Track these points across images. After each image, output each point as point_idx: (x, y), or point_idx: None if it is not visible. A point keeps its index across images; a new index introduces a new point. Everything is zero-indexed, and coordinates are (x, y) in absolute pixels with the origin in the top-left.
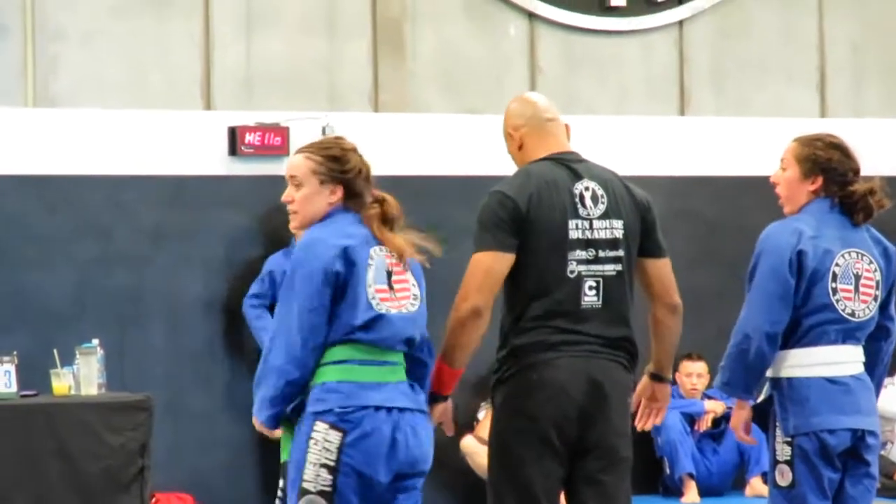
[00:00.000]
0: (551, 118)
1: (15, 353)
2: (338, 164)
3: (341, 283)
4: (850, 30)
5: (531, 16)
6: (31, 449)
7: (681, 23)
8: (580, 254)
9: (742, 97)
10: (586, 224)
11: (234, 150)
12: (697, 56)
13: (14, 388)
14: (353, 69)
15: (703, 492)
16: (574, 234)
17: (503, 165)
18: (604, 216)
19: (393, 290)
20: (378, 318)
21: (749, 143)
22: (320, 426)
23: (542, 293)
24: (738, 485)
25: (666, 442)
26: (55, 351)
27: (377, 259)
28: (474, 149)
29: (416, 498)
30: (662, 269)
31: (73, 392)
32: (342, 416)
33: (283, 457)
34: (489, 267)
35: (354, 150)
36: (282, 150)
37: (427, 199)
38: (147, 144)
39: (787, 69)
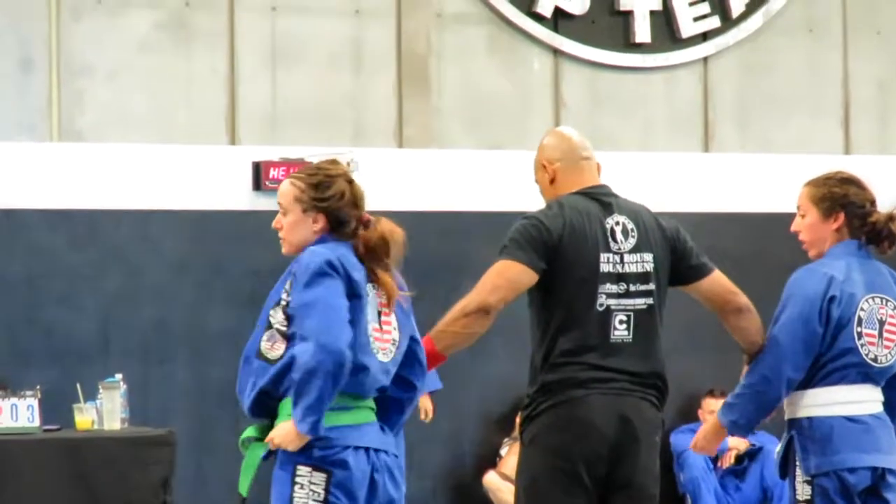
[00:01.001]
0: (587, 157)
1: (38, 387)
2: (318, 192)
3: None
4: (875, 67)
5: (556, 52)
6: (53, 484)
7: (705, 59)
8: (611, 287)
9: (766, 133)
10: (617, 258)
11: (258, 184)
12: (722, 92)
13: (37, 423)
14: (378, 104)
15: None
16: (605, 268)
17: (528, 201)
18: (634, 250)
19: (382, 332)
20: (364, 367)
21: (773, 179)
22: (303, 469)
23: (572, 327)
24: None
25: (689, 479)
26: (78, 385)
27: (371, 296)
28: (499, 184)
29: None
30: (714, 283)
31: (96, 426)
32: (324, 458)
33: (242, 490)
34: (509, 274)
35: (342, 175)
36: None
37: (452, 234)
38: (172, 179)
39: (811, 105)
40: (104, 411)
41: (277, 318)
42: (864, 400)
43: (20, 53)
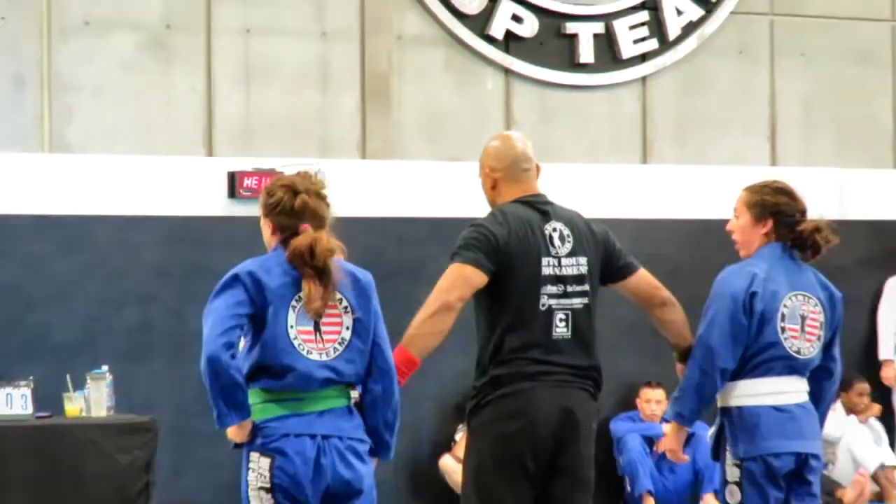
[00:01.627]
0: (527, 168)
1: (31, 378)
2: (265, 200)
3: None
4: (800, 86)
5: (507, 71)
6: (45, 465)
7: (644, 78)
8: (551, 288)
9: (700, 147)
10: (556, 262)
11: (233, 193)
12: (659, 109)
13: (30, 410)
14: (343, 120)
15: None
16: (546, 271)
17: (482, 209)
18: (571, 254)
19: (319, 333)
20: (288, 366)
21: (707, 190)
22: (253, 455)
23: (518, 326)
24: (693, 502)
25: (627, 462)
26: (68, 376)
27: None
28: (454, 194)
29: None
30: (640, 281)
31: (84, 414)
32: (265, 444)
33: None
34: (463, 275)
35: (287, 186)
36: None
37: (409, 239)
38: (153, 188)
39: (741, 121)
40: (91, 400)
41: None
42: (789, 391)
43: (14, 71)
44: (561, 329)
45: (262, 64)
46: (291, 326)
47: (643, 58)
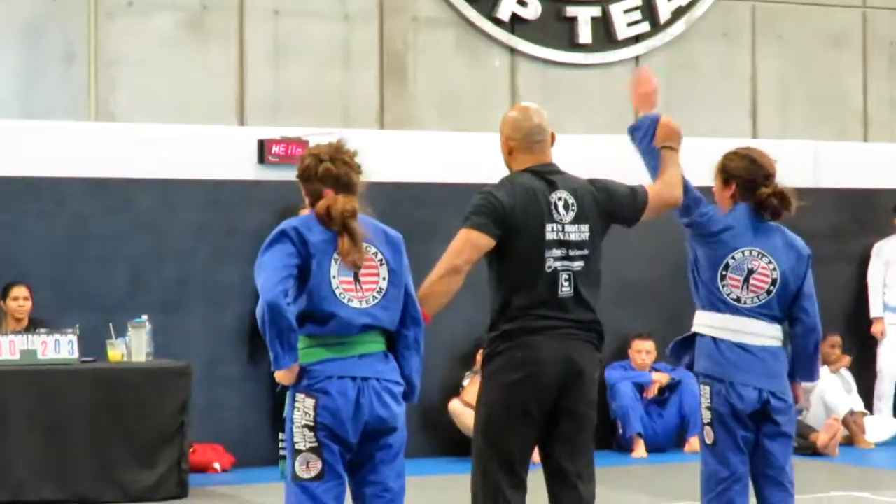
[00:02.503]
0: (539, 139)
1: (77, 325)
2: (298, 168)
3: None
4: (778, 66)
5: (513, 51)
6: (90, 406)
7: (637, 58)
8: (556, 252)
9: (687, 121)
10: (560, 227)
11: (262, 159)
12: None
13: (76, 355)
14: (363, 93)
15: (650, 449)
16: (550, 236)
17: (488, 174)
18: (574, 221)
19: (359, 283)
20: (331, 313)
21: (693, 160)
22: (299, 396)
23: (525, 285)
24: (679, 443)
25: (619, 406)
26: (111, 325)
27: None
28: (464, 161)
29: (394, 454)
30: (652, 202)
31: (125, 359)
32: (310, 386)
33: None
34: (470, 240)
35: (315, 154)
36: None
37: (423, 202)
38: (190, 154)
39: (725, 98)
40: (132, 347)
41: None
42: (751, 332)
43: (64, 47)
44: (566, 289)
45: (290, 42)
46: (334, 277)
47: (636, 39)
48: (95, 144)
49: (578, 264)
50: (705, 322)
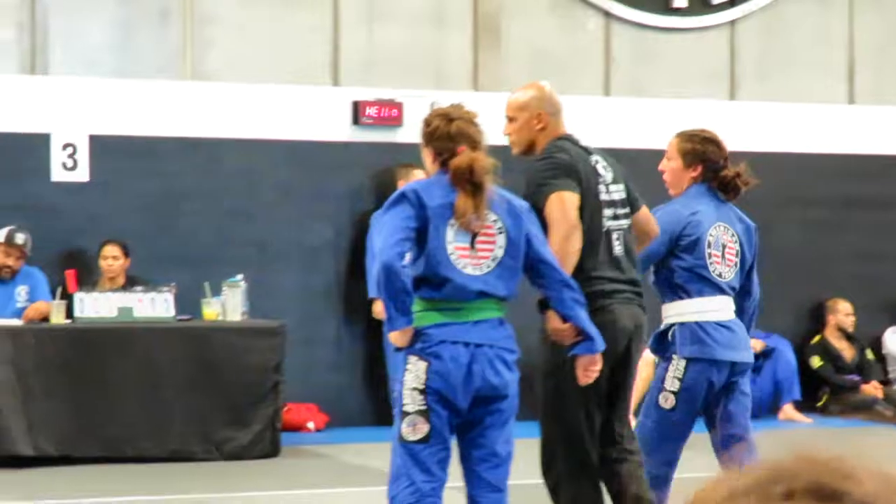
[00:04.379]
0: (562, 114)
1: (173, 284)
2: (424, 129)
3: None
4: (875, 31)
5: (607, 14)
6: (184, 363)
7: (732, 22)
8: (607, 212)
9: (782, 86)
10: (605, 188)
11: (356, 120)
12: (746, 50)
13: (172, 313)
14: (456, 55)
15: None
16: (602, 196)
17: (584, 137)
18: (613, 182)
19: (474, 249)
20: (445, 278)
21: (789, 125)
22: (412, 359)
23: (591, 246)
24: (773, 410)
25: None
26: (206, 284)
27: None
28: None
29: (504, 420)
30: (641, 215)
31: (220, 318)
32: (423, 349)
33: None
34: (567, 199)
35: (443, 114)
36: (396, 122)
37: (517, 165)
38: (284, 114)
39: (820, 63)
40: (227, 306)
41: None
42: (722, 308)
43: (159, 7)
44: (618, 248)
45: (384, 3)
46: (449, 242)
47: (732, 3)
48: (190, 104)
49: (624, 223)
50: (683, 310)
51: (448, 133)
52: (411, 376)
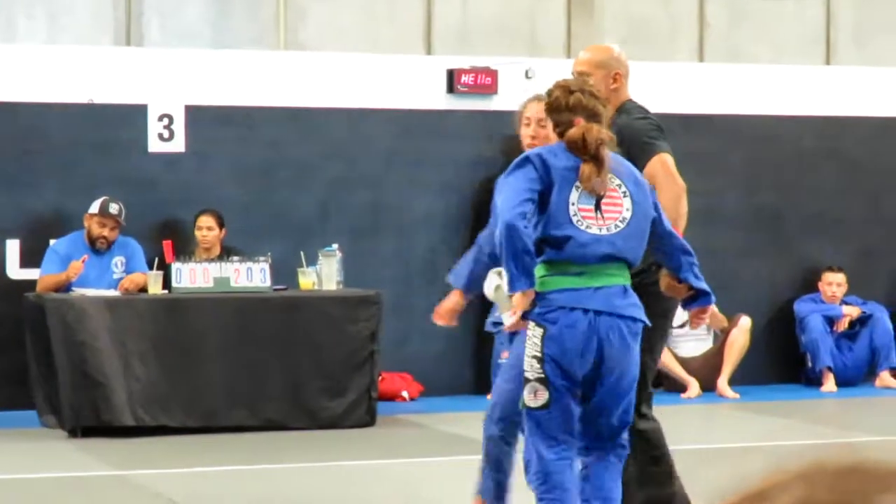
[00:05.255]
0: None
1: (269, 254)
2: (547, 100)
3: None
4: None
5: None
6: (281, 333)
7: None
8: None
9: (879, 51)
10: None
11: (451, 88)
12: (842, 15)
13: (268, 283)
14: (551, 23)
15: (839, 383)
16: None
17: (674, 104)
18: None
19: (599, 210)
20: (566, 237)
21: (885, 90)
22: (531, 324)
23: None
24: (870, 377)
25: (809, 340)
26: (302, 253)
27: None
28: (651, 90)
29: (623, 388)
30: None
31: (316, 287)
32: (540, 314)
33: None
34: (670, 160)
35: (563, 86)
36: (491, 89)
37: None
38: (380, 83)
39: None
40: (323, 275)
41: None
42: None
43: None
44: None
45: None
46: (573, 203)
47: None
48: (284, 74)
49: None
50: None
51: (567, 104)
52: (530, 343)
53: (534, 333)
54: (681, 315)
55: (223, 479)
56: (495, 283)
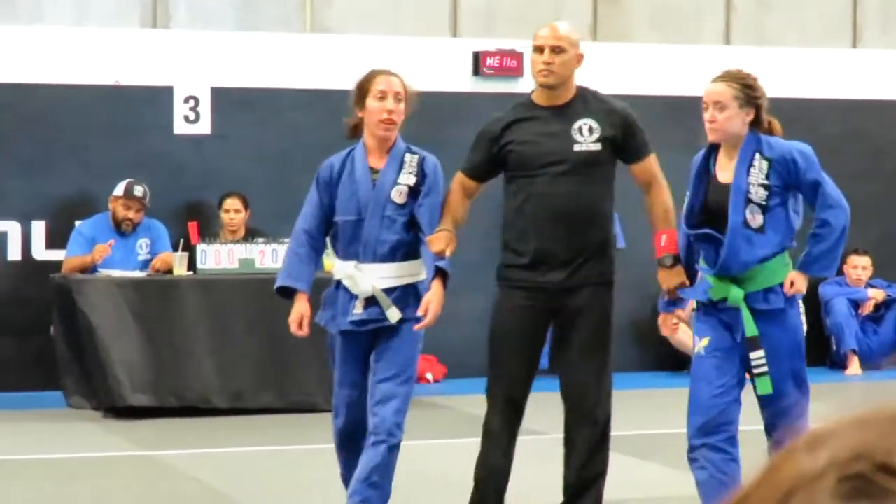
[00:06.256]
0: None
1: None
2: (752, 91)
3: None
4: None
5: None
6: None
7: None
8: None
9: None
10: None
11: (477, 71)
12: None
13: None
14: (576, 5)
15: (864, 366)
16: None
17: (698, 86)
18: None
19: None
20: None
21: None
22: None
23: None
24: (895, 360)
25: (834, 323)
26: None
27: None
28: (676, 73)
29: None
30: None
31: None
32: None
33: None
34: None
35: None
36: (517, 72)
37: (639, 117)
38: (405, 65)
39: None
40: None
41: (759, 194)
42: None
43: None
44: None
45: None
46: None
47: None
48: (310, 55)
49: None
50: None
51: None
52: None
53: None
54: None
55: (250, 459)
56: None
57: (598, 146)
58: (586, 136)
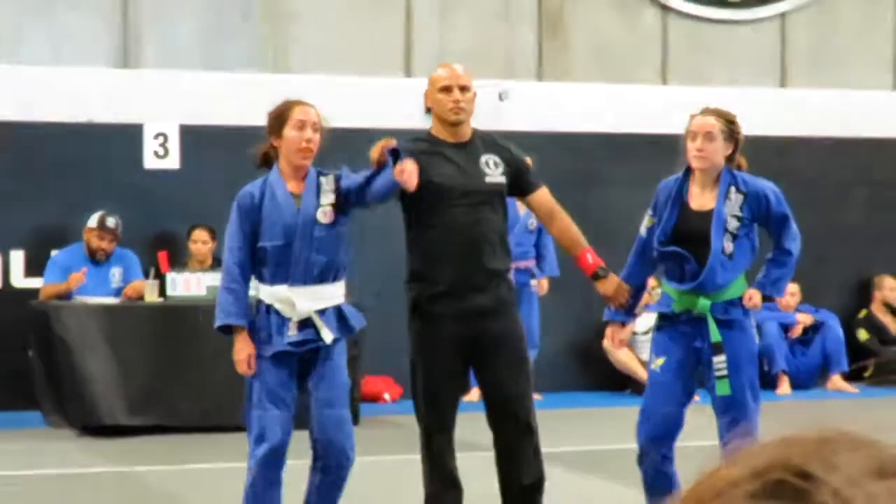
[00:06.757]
0: None
1: None
2: (734, 127)
3: None
4: None
5: (663, 7)
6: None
7: (783, 14)
8: None
9: (831, 75)
10: None
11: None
12: (796, 41)
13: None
14: (522, 47)
15: (794, 386)
16: None
17: (642, 124)
18: None
19: None
20: None
21: (836, 111)
22: None
23: None
24: (822, 380)
25: (766, 345)
26: None
27: None
28: (619, 111)
29: None
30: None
31: None
32: None
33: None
34: None
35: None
36: None
37: (578, 152)
38: (360, 104)
39: (866, 53)
40: None
41: (732, 224)
42: None
43: (242, 5)
44: None
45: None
46: None
47: None
48: (272, 94)
49: None
50: None
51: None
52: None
53: None
54: (646, 321)
55: (221, 475)
56: (304, 303)
57: (503, 178)
58: (493, 169)
